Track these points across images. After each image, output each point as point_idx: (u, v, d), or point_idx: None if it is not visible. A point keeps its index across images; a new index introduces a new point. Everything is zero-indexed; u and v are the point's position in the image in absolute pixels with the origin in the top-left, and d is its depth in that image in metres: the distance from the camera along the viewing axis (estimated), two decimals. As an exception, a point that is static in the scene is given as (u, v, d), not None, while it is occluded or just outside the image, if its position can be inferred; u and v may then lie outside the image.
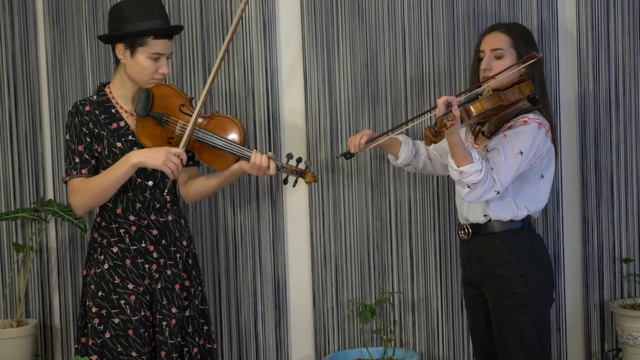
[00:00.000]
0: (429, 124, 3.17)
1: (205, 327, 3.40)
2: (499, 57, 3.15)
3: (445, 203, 3.81)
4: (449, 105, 2.93)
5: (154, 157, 3.14)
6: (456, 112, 2.89)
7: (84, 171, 3.22)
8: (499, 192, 3.03)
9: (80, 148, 3.23)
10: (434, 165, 3.52)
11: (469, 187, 3.00)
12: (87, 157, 3.23)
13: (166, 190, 3.25)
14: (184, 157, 3.19)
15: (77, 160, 3.22)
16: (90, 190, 3.18)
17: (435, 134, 2.92)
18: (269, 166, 3.28)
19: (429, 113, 3.38)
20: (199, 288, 3.40)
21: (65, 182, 3.27)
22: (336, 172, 3.87)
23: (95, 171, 3.24)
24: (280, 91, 3.89)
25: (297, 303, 3.94)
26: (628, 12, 3.73)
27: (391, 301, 3.78)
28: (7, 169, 4.07)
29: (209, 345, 3.39)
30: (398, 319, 3.84)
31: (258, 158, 3.25)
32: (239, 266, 3.93)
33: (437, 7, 3.77)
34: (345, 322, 3.89)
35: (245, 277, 3.93)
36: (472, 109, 3.00)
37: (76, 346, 3.32)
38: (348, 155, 3.45)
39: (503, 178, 3.02)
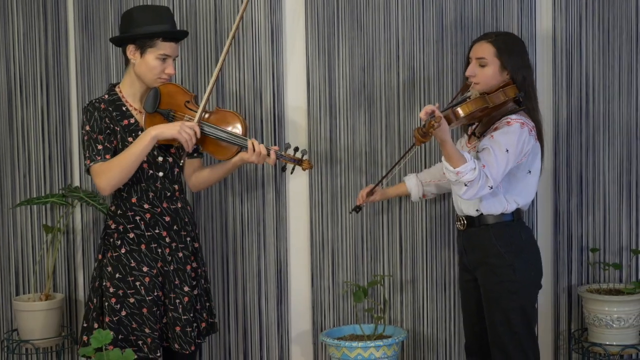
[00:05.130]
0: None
1: (208, 304, 3.50)
2: (482, 66, 3.22)
3: (432, 195, 3.86)
4: (431, 113, 2.98)
5: (170, 127, 3.20)
6: (438, 114, 2.94)
7: (107, 156, 3.24)
8: (492, 188, 3.08)
9: (101, 137, 3.26)
10: (444, 184, 3.61)
11: (465, 185, 3.05)
12: (108, 145, 3.26)
13: (181, 161, 3.32)
14: (198, 130, 3.23)
15: (99, 147, 3.24)
16: (116, 168, 3.19)
17: (423, 135, 2.94)
18: (268, 154, 3.29)
19: (408, 154, 3.52)
20: (203, 268, 3.49)
21: (88, 169, 3.26)
22: (334, 164, 3.94)
23: None
24: (285, 91, 3.97)
25: (297, 283, 4.03)
26: (599, 27, 3.82)
27: (382, 283, 3.89)
28: (39, 159, 4.10)
29: (211, 320, 3.52)
30: (388, 298, 3.94)
31: (256, 145, 3.28)
32: (245, 249, 4.00)
33: (427, 17, 3.85)
34: (340, 301, 3.99)
35: (250, 259, 4.00)
36: (460, 111, 3.11)
37: (84, 324, 3.35)
38: (357, 209, 3.69)
39: (495, 174, 3.07)
